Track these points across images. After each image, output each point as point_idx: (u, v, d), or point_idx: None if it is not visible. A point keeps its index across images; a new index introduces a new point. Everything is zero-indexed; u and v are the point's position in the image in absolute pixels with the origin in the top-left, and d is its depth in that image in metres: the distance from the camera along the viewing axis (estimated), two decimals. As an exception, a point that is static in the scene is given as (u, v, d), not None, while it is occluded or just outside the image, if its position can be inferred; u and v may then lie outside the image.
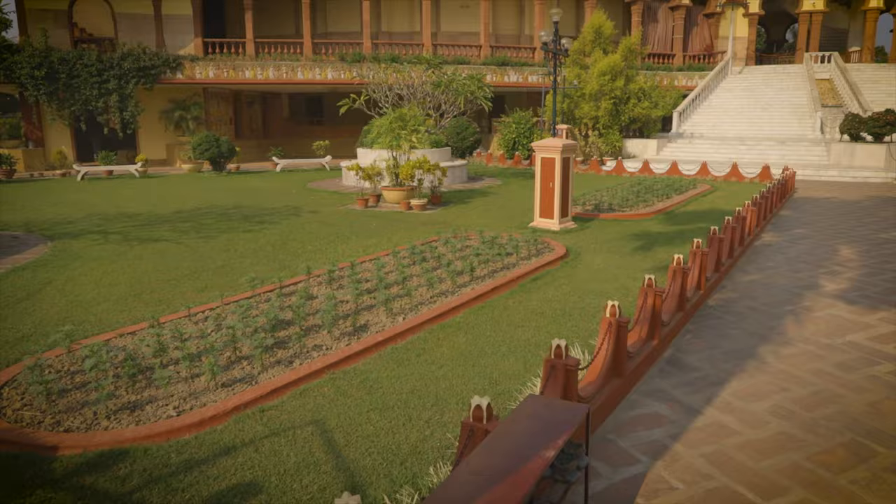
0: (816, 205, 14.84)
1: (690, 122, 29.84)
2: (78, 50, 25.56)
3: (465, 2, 33.30)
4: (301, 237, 10.33)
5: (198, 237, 10.42)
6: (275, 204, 14.57)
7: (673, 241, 9.93)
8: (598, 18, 27.03)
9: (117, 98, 25.47)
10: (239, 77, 27.13)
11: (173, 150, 28.02)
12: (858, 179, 20.57)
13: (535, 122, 26.73)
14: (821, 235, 10.84)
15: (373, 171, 14.35)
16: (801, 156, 24.44)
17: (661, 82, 31.53)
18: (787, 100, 29.92)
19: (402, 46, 29.94)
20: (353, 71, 27.50)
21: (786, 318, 6.32)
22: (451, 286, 6.98)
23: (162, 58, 26.00)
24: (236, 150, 24.32)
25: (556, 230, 10.62)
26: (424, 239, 9.86)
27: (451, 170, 17.77)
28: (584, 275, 7.79)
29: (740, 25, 34.82)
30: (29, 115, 26.19)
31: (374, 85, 19.88)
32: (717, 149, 26.22)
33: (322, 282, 7.30)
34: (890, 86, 29.99)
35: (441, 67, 21.09)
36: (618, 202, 13.59)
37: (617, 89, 25.71)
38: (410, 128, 14.47)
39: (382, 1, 33.14)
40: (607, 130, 26.43)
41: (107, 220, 12.34)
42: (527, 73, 30.47)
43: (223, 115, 30.12)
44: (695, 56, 34.79)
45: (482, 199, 15.35)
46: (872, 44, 34.42)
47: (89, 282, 7.61)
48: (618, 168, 22.19)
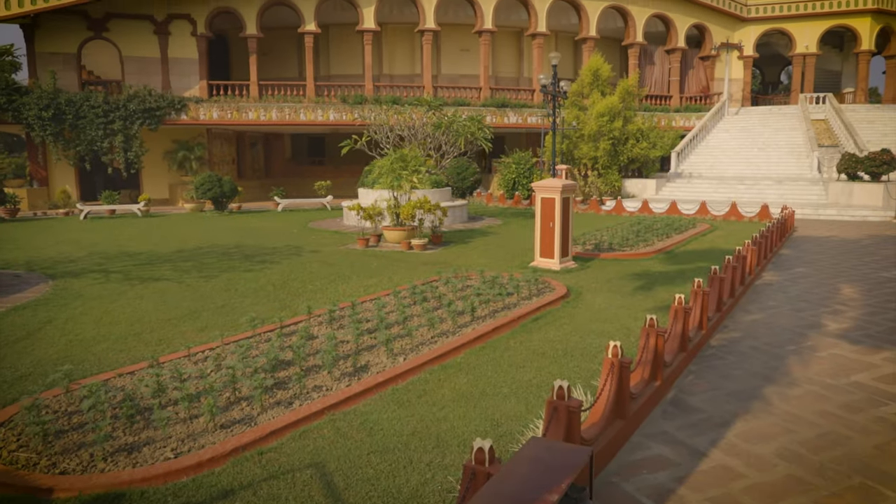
0: (816, 244, 14.88)
1: (689, 162, 30.15)
2: (85, 92, 26.02)
3: (465, 45, 34.03)
4: (302, 277, 10.33)
5: (199, 276, 10.43)
6: (276, 243, 14.62)
7: (674, 280, 9.93)
8: (595, 61, 27.55)
9: (122, 139, 25.81)
10: (242, 118, 27.53)
11: (176, 190, 28.25)
12: (857, 218, 20.68)
13: (535, 163, 27.01)
14: (822, 274, 10.84)
15: (374, 210, 14.44)
16: (800, 195, 24.62)
17: (659, 123, 31.99)
18: (784, 140, 30.29)
19: (404, 88, 30.45)
20: (355, 112, 27.93)
21: (789, 359, 6.28)
22: (451, 326, 6.96)
23: (167, 99, 26.43)
24: (238, 190, 24.52)
25: (556, 270, 10.63)
26: (425, 279, 9.87)
27: (451, 210, 17.88)
28: (586, 315, 7.77)
29: (735, 68, 35.50)
30: (34, 155, 26.48)
31: (376, 126, 20.17)
32: (716, 188, 26.43)
33: (323, 322, 7.28)
34: (885, 126, 30.42)
35: (441, 109, 21.44)
36: (618, 242, 13.64)
37: (615, 130, 26.06)
38: (411, 168, 14.62)
39: (384, 44, 33.86)
40: (606, 170, 26.69)
41: (108, 259, 12.36)
42: (526, 114, 30.91)
43: (226, 155, 30.47)
44: (691, 97, 35.37)
45: (483, 238, 15.41)
46: (866, 85, 35.02)
47: (90, 321, 7.59)
48: (617, 208, 22.32)
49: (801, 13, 34.12)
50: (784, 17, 34.46)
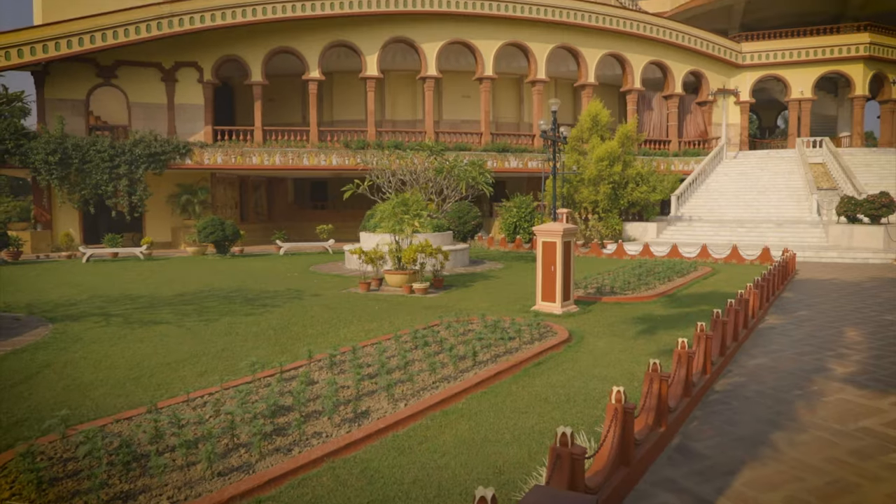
0: (818, 286, 14.85)
1: (689, 205, 30.34)
2: (92, 136, 26.44)
3: (467, 91, 34.67)
4: (303, 321, 10.30)
5: (199, 320, 10.40)
6: (277, 287, 14.61)
7: (676, 324, 9.88)
8: (594, 107, 28.01)
9: (127, 182, 26.11)
10: (246, 163, 27.88)
11: (179, 233, 28.41)
12: (858, 261, 20.69)
13: (536, 207, 27.19)
14: (825, 317, 10.79)
15: (375, 254, 14.47)
16: (800, 238, 24.69)
17: (658, 167, 32.33)
18: (783, 183, 30.54)
19: (406, 133, 30.91)
20: (358, 157, 28.30)
21: (795, 403, 6.19)
22: (453, 371, 6.90)
23: (172, 144, 26.82)
24: (241, 234, 24.65)
25: (558, 314, 10.59)
26: (426, 323, 9.83)
27: (453, 253, 17.92)
28: (588, 359, 7.71)
29: (732, 112, 36.06)
30: (40, 199, 26.74)
31: (378, 171, 20.40)
32: (717, 231, 26.52)
33: (323, 366, 7.23)
34: (882, 169, 30.72)
35: (443, 154, 21.72)
36: (619, 285, 13.62)
37: (615, 174, 26.31)
38: (413, 212, 14.71)
39: (387, 91, 34.51)
40: (607, 214, 26.84)
41: (109, 303, 12.35)
42: (527, 158, 31.28)
43: (229, 199, 30.75)
44: (690, 142, 35.83)
45: (484, 282, 15.40)
46: (861, 129, 35.51)
47: (88, 365, 7.53)
48: (618, 251, 22.36)
49: (794, 60, 34.83)
50: (778, 64, 35.17)
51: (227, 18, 27.18)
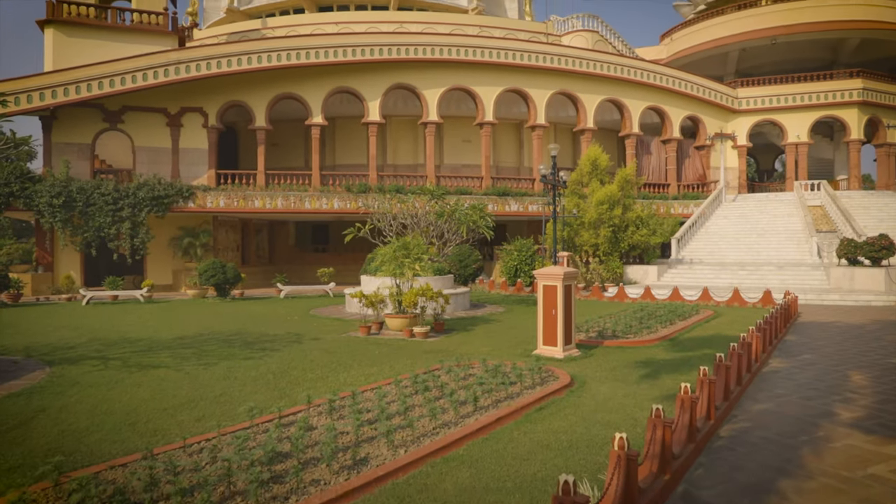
0: (821, 329, 14.75)
1: (689, 248, 30.40)
2: (97, 180, 26.71)
3: (467, 136, 35.15)
4: (302, 365, 10.21)
5: (198, 364, 10.31)
6: (277, 330, 14.54)
7: (679, 368, 9.79)
8: (593, 151, 28.34)
9: (129, 225, 26.25)
10: (248, 206, 28.07)
11: (180, 276, 28.43)
12: (861, 303, 20.60)
13: (537, 250, 27.24)
14: (829, 361, 10.69)
15: (376, 298, 14.44)
16: (802, 280, 24.65)
17: (658, 210, 32.53)
18: (783, 226, 30.66)
19: (407, 178, 31.21)
20: (359, 201, 28.51)
21: (802, 450, 6.09)
22: (454, 417, 6.81)
23: (175, 188, 27.06)
24: (241, 277, 24.65)
25: (560, 358, 10.50)
26: (427, 367, 9.74)
27: (453, 297, 17.88)
28: (591, 404, 7.61)
29: (730, 156, 36.46)
30: (42, 241, 26.85)
31: (379, 214, 20.51)
32: (718, 274, 26.51)
33: (322, 412, 7.13)
34: (880, 211, 30.88)
35: (444, 198, 21.86)
36: (621, 329, 13.53)
37: (615, 217, 26.45)
38: (414, 256, 14.74)
39: (388, 136, 35.00)
40: (608, 257, 26.88)
41: (108, 346, 12.27)
42: (527, 202, 31.50)
43: (231, 242, 30.87)
44: (689, 185, 36.12)
45: (485, 326, 15.31)
46: (858, 172, 35.84)
47: (84, 410, 7.44)
48: (620, 294, 22.31)
49: (790, 105, 35.40)
50: (774, 109, 35.73)
51: (233, 66, 27.77)
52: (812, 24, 37.07)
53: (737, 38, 38.71)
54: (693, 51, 40.60)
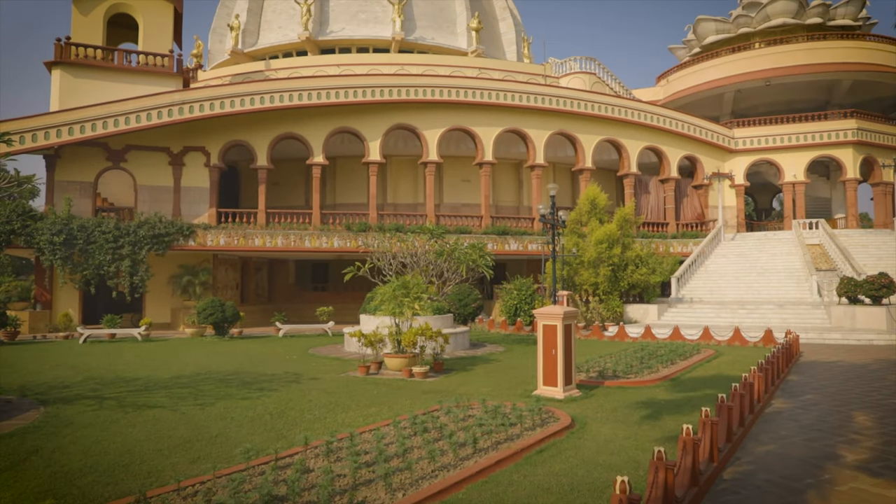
0: (824, 369, 14.63)
1: (689, 287, 30.37)
2: (98, 218, 26.81)
3: (467, 176, 35.44)
4: (300, 405, 10.10)
5: (195, 404, 10.20)
6: (275, 370, 14.42)
7: (681, 409, 9.68)
8: (592, 191, 28.55)
9: (129, 263, 26.25)
10: (249, 244, 28.14)
11: (178, 314, 28.31)
12: (863, 342, 20.49)
13: (536, 289, 27.20)
14: (833, 401, 10.57)
15: (375, 337, 14.37)
16: (803, 319, 24.56)
17: (657, 249, 32.62)
18: (782, 264, 30.69)
19: (407, 217, 31.35)
20: (359, 239, 28.58)
21: (808, 493, 5.98)
22: (453, 459, 6.70)
23: (176, 226, 27.16)
24: (240, 315, 24.57)
25: (560, 398, 10.40)
26: (426, 408, 9.63)
27: (453, 336, 17.78)
28: (592, 446, 7.50)
29: (728, 195, 36.72)
30: (41, 279, 26.83)
31: (379, 253, 20.54)
32: (718, 313, 26.42)
33: (320, 454, 7.03)
34: (879, 250, 30.95)
35: (443, 237, 21.92)
36: (622, 369, 13.43)
37: (614, 256, 26.49)
38: (413, 295, 14.72)
39: (388, 175, 35.30)
40: (607, 296, 26.82)
41: (103, 385, 12.15)
42: (527, 241, 31.59)
43: (230, 280, 30.84)
44: (687, 224, 36.28)
45: (485, 366, 15.20)
46: (856, 210, 36.06)
47: (78, 451, 7.33)
48: (620, 333, 22.20)
49: (786, 145, 35.83)
50: (770, 149, 36.14)
51: (236, 106, 28.18)
52: (805, 67, 37.76)
53: (731, 80, 39.39)
54: (689, 92, 41.27)
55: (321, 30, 40.14)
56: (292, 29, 40.23)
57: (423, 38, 40.85)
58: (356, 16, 40.62)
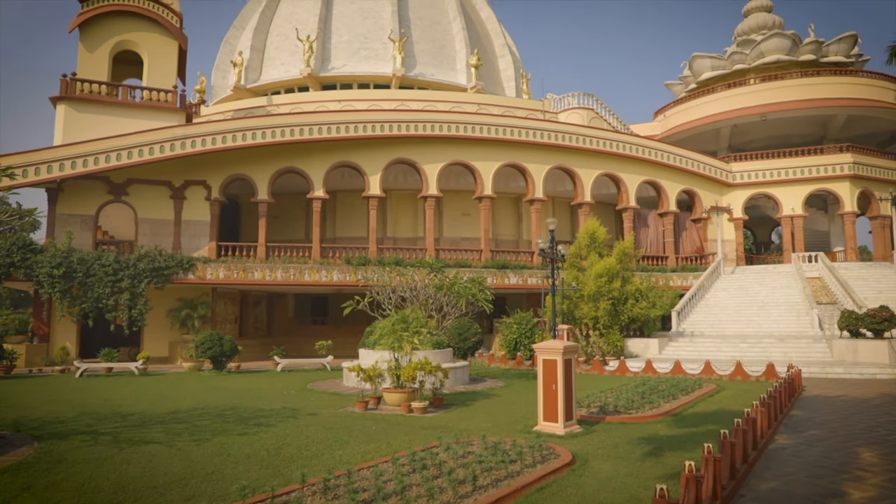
0: (827, 404, 14.49)
1: (689, 320, 30.25)
2: (98, 251, 26.81)
3: (466, 210, 35.59)
4: (298, 441, 9.97)
5: (191, 439, 10.07)
6: (273, 405, 14.27)
7: (683, 445, 9.56)
8: (591, 225, 28.63)
9: (128, 296, 26.16)
10: (248, 278, 28.10)
11: (176, 348, 28.13)
12: (866, 376, 20.33)
13: (536, 323, 27.09)
14: (837, 437, 10.44)
15: (374, 372, 14.27)
16: (804, 353, 24.41)
17: (657, 283, 32.57)
18: (782, 298, 30.62)
19: (406, 251, 31.38)
20: (359, 273, 28.55)
21: (813, 533, 5.86)
22: (452, 497, 6.59)
23: (176, 259, 27.15)
24: (238, 349, 24.40)
25: (561, 434, 10.27)
26: (425, 444, 9.51)
27: (452, 371, 17.63)
28: (593, 483, 7.39)
29: (727, 229, 36.84)
30: (39, 312, 26.72)
31: (378, 287, 20.51)
32: (720, 347, 26.27)
33: (317, 491, 6.91)
34: (879, 283, 30.92)
35: (443, 271, 21.90)
36: (623, 404, 13.30)
37: (614, 290, 26.44)
38: (412, 329, 14.65)
39: (388, 209, 35.44)
40: (608, 330, 26.69)
41: (99, 420, 12.01)
42: (526, 275, 31.56)
43: (229, 313, 30.71)
44: (687, 258, 36.31)
45: (485, 401, 15.05)
46: (854, 244, 36.14)
47: (70, 488, 7.21)
48: (621, 368, 22.05)
49: (783, 179, 36.09)
50: (768, 183, 36.39)
51: (238, 141, 28.45)
52: (799, 102, 38.27)
53: (728, 115, 39.88)
54: (686, 127, 41.74)
55: (323, 66, 40.78)
56: (294, 65, 40.87)
57: (424, 75, 41.47)
58: (357, 52, 41.32)
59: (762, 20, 43.79)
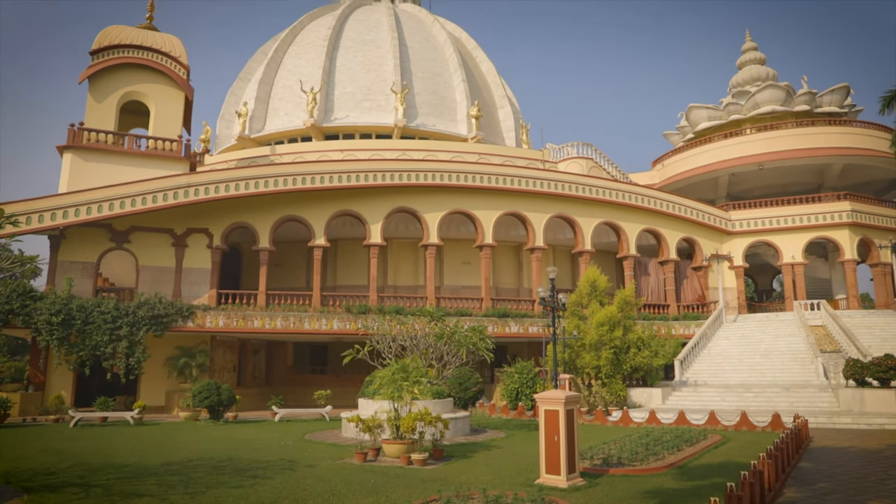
0: (836, 455, 14.19)
1: (693, 370, 29.94)
2: (98, 298, 26.72)
3: (467, 258, 35.67)
4: (294, 494, 9.74)
5: (185, 492, 9.83)
6: (270, 456, 14.00)
7: (689, 499, 9.32)
8: (592, 273, 28.63)
9: (126, 344, 25.93)
10: (248, 326, 27.96)
11: (173, 397, 27.76)
12: (874, 427, 19.94)
13: (538, 372, 26.79)
14: (848, 490, 10.19)
15: (373, 422, 14.04)
16: (810, 402, 24.06)
17: (659, 332, 32.33)
18: (786, 346, 30.37)
19: (407, 299, 31.31)
20: (359, 322, 28.40)
21: None
22: (452, 553, 6.39)
23: (176, 307, 27.05)
24: (236, 399, 24.08)
25: (563, 487, 10.02)
26: (425, 498, 9.28)
27: (453, 422, 17.34)
28: (598, 539, 7.17)
29: (728, 277, 36.81)
30: (36, 359, 26.47)
31: (378, 336, 20.36)
32: (724, 397, 25.91)
33: (312, 547, 6.71)
34: (883, 331, 30.69)
35: (444, 319, 21.78)
36: (627, 455, 13.02)
37: (616, 339, 26.25)
38: (412, 379, 14.50)
39: (389, 257, 35.53)
40: (610, 380, 26.38)
41: (91, 472, 11.75)
42: (527, 324, 31.39)
43: (227, 362, 30.41)
44: (688, 306, 36.15)
45: (485, 453, 14.76)
46: (856, 291, 36.02)
47: (59, 546, 7.00)
48: (624, 418, 21.71)
49: (782, 227, 36.25)
50: (767, 231, 36.55)
51: (240, 189, 28.74)
52: (796, 151, 38.78)
53: (725, 164, 40.34)
54: (684, 176, 42.18)
55: (326, 117, 41.52)
56: (298, 116, 41.63)
57: (425, 125, 42.17)
58: (360, 104, 42.13)
59: (756, 72, 44.78)
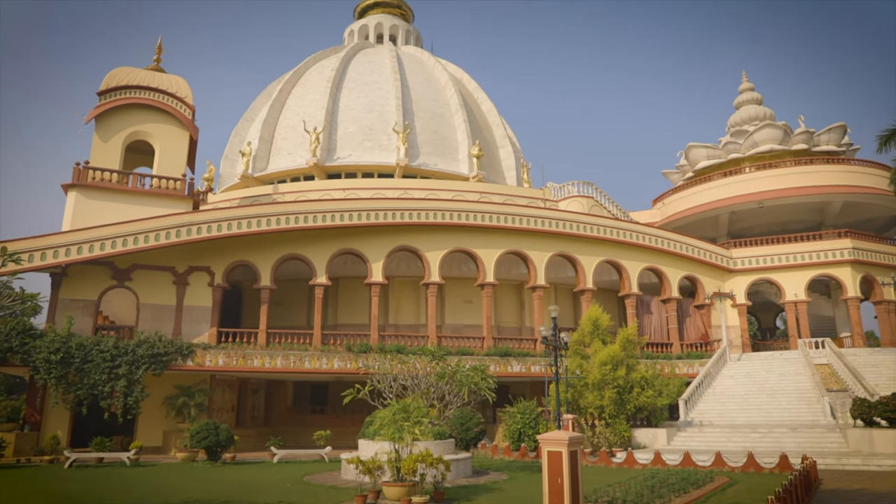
0: (847, 498, 13.88)
1: (697, 409, 29.54)
2: (97, 336, 26.54)
3: (468, 297, 35.55)
4: (291, 539, 9.49)
5: (179, 539, 9.59)
6: (268, 499, 13.72)
7: (697, 544, 9.06)
8: (594, 311, 28.48)
9: (125, 383, 25.62)
10: (248, 365, 27.72)
11: (170, 437, 27.35)
12: (885, 468, 19.56)
13: (540, 412, 26.42)
14: (859, 538, 9.92)
15: (373, 464, 13.80)
16: (818, 443, 23.65)
17: (663, 370, 31.99)
18: (792, 385, 30.01)
19: (408, 338, 31.09)
20: (360, 361, 28.18)
21: None
22: None
23: (175, 345, 26.84)
24: (235, 439, 23.73)
25: (568, 531, 9.78)
26: (425, 542, 9.04)
27: (454, 463, 17.02)
28: (604, 588, 6.94)
29: (731, 315, 36.62)
30: (33, 398, 26.12)
31: (379, 375, 20.15)
32: (730, 437, 25.49)
33: None
34: (889, 369, 30.34)
35: (445, 359, 21.60)
36: (632, 498, 12.74)
37: (619, 378, 25.97)
38: (413, 419, 14.31)
39: (391, 296, 35.42)
40: (614, 420, 26.01)
41: (85, 518, 11.50)
42: (529, 363, 31.10)
43: (226, 402, 30.01)
44: (692, 344, 35.88)
45: (487, 495, 14.46)
46: (860, 329, 35.75)
47: None
48: (629, 460, 21.33)
49: (784, 265, 36.20)
50: (769, 268, 36.51)
51: (242, 228, 28.84)
52: (795, 189, 38.98)
53: (726, 203, 40.51)
54: (685, 214, 42.32)
55: (328, 156, 41.92)
56: (301, 155, 42.03)
57: (426, 164, 42.52)
58: (362, 143, 42.58)
59: (753, 112, 45.33)
